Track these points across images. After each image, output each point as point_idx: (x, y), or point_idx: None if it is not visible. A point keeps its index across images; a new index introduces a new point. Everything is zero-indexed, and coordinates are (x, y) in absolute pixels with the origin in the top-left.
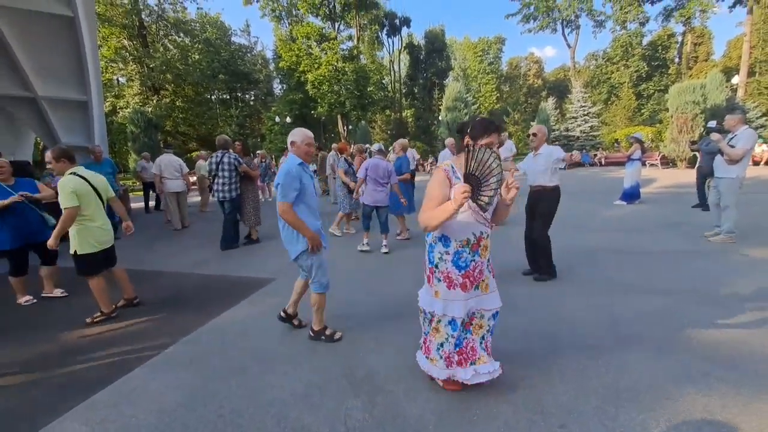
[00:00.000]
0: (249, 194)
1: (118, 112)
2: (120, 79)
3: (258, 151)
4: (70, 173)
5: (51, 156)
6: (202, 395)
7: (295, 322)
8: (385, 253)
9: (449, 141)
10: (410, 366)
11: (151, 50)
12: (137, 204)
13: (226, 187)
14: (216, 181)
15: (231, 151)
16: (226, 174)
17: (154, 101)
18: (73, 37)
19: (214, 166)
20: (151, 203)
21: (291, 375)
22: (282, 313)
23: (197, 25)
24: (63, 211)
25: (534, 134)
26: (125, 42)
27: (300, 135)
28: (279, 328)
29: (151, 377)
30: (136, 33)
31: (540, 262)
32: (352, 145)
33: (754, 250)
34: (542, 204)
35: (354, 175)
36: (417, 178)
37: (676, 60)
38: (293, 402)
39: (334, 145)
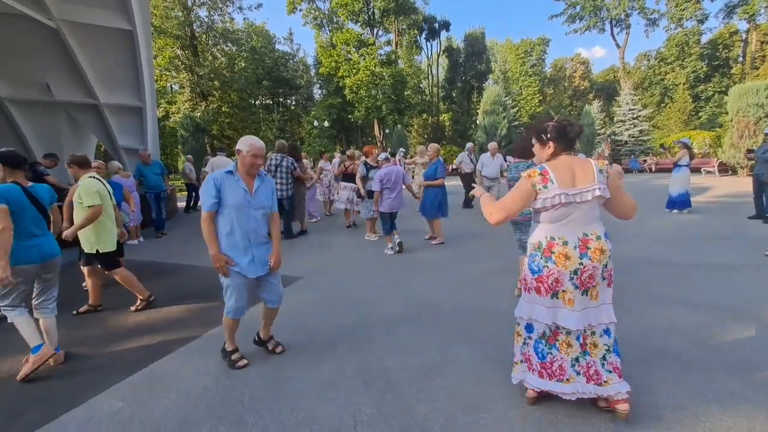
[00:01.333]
0: (299, 193)
1: (171, 117)
2: (173, 86)
3: None
4: (91, 176)
5: (66, 163)
6: (226, 381)
7: (270, 346)
8: (399, 242)
9: (492, 145)
10: (425, 368)
11: (201, 59)
12: (183, 204)
13: (284, 187)
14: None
15: (287, 156)
16: (284, 176)
17: (203, 107)
18: (131, 48)
19: (273, 168)
20: (181, 204)
21: (309, 369)
22: (255, 338)
23: (244, 34)
24: (86, 210)
25: None
26: (178, 52)
27: (246, 144)
28: (301, 325)
29: (183, 362)
30: (188, 43)
31: None
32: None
33: None
34: None
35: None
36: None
37: (741, 59)
38: (308, 394)
39: (356, 152)
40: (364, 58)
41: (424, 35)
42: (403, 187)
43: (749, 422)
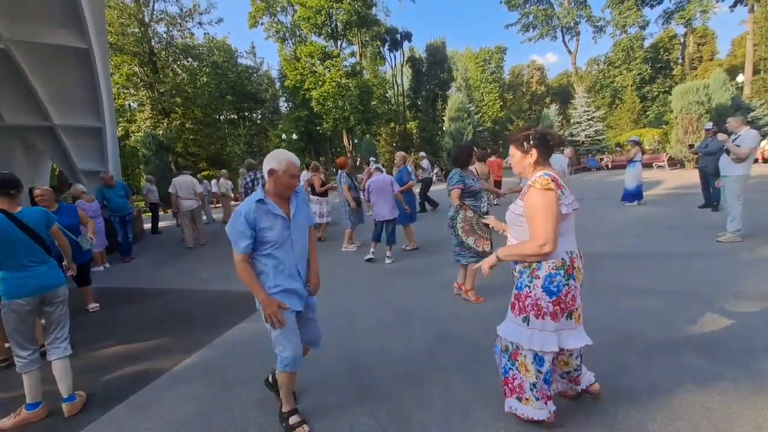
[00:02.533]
0: None
1: (131, 136)
2: (132, 104)
3: None
4: None
5: None
6: (213, 406)
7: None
8: (389, 263)
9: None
10: (416, 374)
11: (161, 75)
12: (149, 225)
13: None
14: None
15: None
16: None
17: (165, 124)
18: (88, 67)
19: (250, 185)
20: (147, 226)
21: (299, 384)
22: (269, 378)
23: (205, 49)
24: None
25: None
26: (136, 69)
27: (282, 162)
28: None
29: (166, 390)
30: (147, 60)
31: None
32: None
33: (763, 250)
34: None
35: (356, 189)
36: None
37: (680, 61)
38: (302, 410)
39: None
40: (329, 70)
41: (387, 46)
42: (394, 195)
43: (720, 395)
